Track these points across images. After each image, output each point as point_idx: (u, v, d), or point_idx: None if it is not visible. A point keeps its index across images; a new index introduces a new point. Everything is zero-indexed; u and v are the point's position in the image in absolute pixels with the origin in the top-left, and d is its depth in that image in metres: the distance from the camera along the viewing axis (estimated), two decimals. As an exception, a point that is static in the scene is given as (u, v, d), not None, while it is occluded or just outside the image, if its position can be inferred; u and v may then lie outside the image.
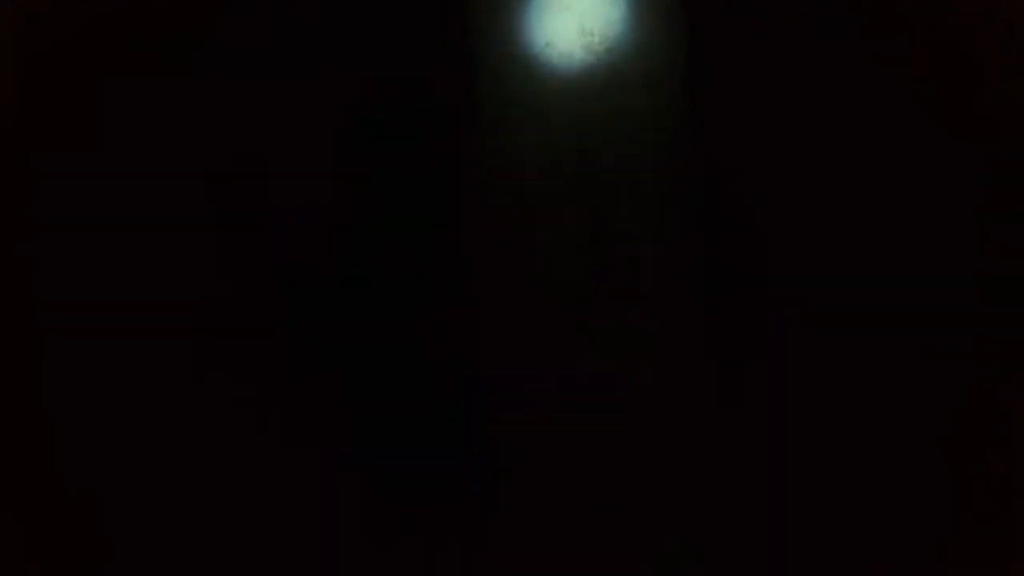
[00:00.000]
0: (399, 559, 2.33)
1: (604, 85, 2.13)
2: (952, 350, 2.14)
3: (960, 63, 2.12)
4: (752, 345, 2.32)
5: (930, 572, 2.06)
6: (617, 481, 2.35)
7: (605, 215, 2.21)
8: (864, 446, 2.15)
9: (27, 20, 2.10)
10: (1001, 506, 2.06)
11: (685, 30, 2.25)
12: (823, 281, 2.28)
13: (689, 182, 2.26)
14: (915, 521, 2.10)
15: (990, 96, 2.10)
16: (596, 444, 2.39)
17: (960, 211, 2.13)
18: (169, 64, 2.26)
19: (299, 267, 2.34)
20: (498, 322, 2.41)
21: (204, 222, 2.27)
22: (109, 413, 2.15)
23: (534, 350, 2.40)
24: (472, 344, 2.47)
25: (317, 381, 2.33)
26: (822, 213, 2.32)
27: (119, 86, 2.25)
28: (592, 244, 2.27)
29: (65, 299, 2.15)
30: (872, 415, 2.16)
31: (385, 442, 2.44)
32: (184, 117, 2.27)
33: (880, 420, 2.15)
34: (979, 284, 2.11)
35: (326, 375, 2.36)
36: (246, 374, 2.26)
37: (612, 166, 2.16)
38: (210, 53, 2.28)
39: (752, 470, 2.26)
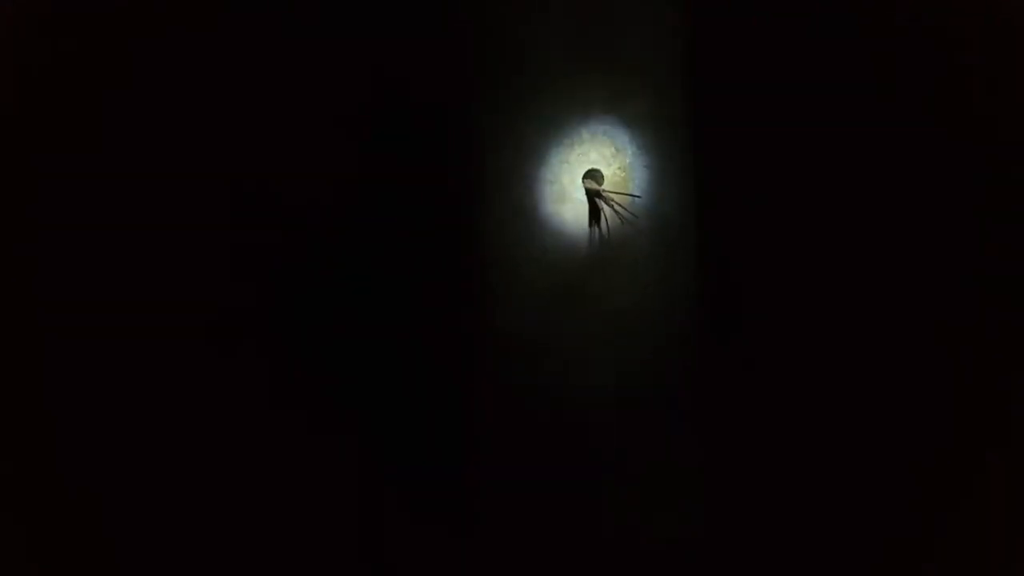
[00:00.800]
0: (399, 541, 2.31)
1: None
2: (952, 350, 2.12)
3: (960, 63, 2.11)
4: (759, 343, 2.30)
5: (931, 570, 2.04)
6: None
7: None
8: (865, 446, 2.13)
9: (27, 20, 2.08)
10: (1001, 506, 2.04)
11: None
12: (826, 284, 2.26)
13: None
14: (915, 520, 2.08)
15: (990, 96, 2.08)
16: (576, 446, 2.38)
17: (960, 211, 2.11)
18: (169, 65, 2.24)
19: (296, 268, 2.32)
20: (487, 327, 2.41)
21: (201, 223, 2.25)
22: (108, 412, 2.13)
23: (519, 355, 2.40)
24: (466, 346, 2.46)
25: (312, 382, 2.32)
26: (825, 214, 2.30)
27: (119, 87, 2.23)
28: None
29: (65, 299, 2.13)
30: (873, 415, 2.14)
31: (387, 437, 2.41)
32: (184, 119, 2.25)
33: (881, 420, 2.13)
34: (979, 284, 2.10)
35: (321, 375, 2.34)
36: (240, 372, 2.24)
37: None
38: (210, 54, 2.26)
39: (756, 471, 2.24)
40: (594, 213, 2.55)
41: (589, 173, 2.64)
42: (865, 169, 2.39)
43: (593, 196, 2.56)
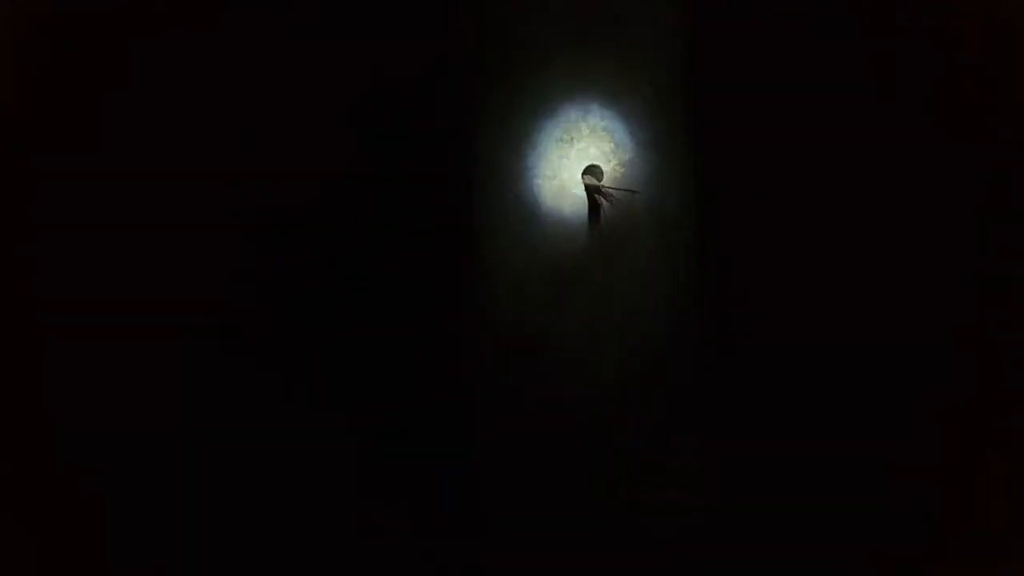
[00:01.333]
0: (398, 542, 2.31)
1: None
2: (952, 350, 2.12)
3: (960, 63, 2.11)
4: (758, 340, 2.30)
5: (930, 570, 2.05)
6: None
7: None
8: (865, 445, 2.13)
9: (27, 20, 2.09)
10: (1001, 506, 2.04)
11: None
12: (827, 283, 2.26)
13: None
14: (915, 520, 2.08)
15: (990, 96, 2.09)
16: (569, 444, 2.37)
17: (960, 211, 2.11)
18: (169, 65, 2.24)
19: (295, 268, 2.32)
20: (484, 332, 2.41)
21: (201, 223, 2.25)
22: (108, 413, 2.13)
23: (515, 359, 2.41)
24: (464, 348, 2.46)
25: (308, 386, 2.31)
26: (824, 213, 2.30)
27: (119, 87, 2.23)
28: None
29: (65, 299, 2.13)
30: (873, 414, 2.14)
31: (388, 441, 2.41)
32: (184, 119, 2.25)
33: (881, 420, 2.14)
34: (979, 284, 2.10)
35: (320, 375, 2.34)
36: (239, 372, 2.24)
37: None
38: (210, 54, 2.26)
39: (757, 469, 2.24)
40: (593, 208, 2.56)
41: (588, 169, 2.64)
42: (865, 169, 2.40)
43: (592, 192, 2.56)
